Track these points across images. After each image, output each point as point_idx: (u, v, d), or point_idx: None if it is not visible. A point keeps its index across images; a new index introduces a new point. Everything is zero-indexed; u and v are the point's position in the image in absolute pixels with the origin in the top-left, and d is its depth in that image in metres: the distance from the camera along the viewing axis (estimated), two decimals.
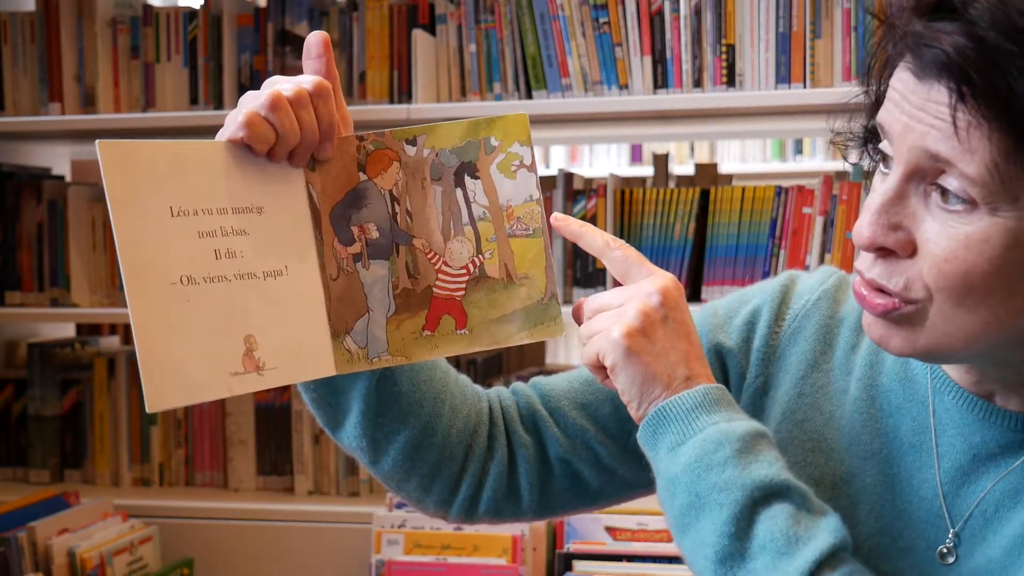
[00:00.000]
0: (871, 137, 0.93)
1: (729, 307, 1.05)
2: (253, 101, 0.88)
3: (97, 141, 0.81)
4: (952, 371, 0.93)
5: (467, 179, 0.94)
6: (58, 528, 2.25)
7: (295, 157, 0.91)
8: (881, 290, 0.84)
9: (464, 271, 0.94)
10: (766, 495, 0.84)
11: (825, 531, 0.83)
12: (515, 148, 0.94)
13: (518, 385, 1.08)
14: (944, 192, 0.79)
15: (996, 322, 0.81)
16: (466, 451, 1.03)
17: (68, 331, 2.94)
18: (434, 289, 0.94)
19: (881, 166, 0.86)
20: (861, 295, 0.85)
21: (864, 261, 0.85)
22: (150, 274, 0.82)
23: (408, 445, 0.99)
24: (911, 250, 0.82)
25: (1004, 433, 0.90)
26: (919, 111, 0.79)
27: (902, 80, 0.82)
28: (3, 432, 2.68)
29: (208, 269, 0.85)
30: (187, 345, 0.83)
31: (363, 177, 0.94)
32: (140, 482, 2.61)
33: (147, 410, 0.80)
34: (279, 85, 0.89)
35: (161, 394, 0.81)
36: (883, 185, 0.83)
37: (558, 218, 0.95)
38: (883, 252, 0.83)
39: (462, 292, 0.94)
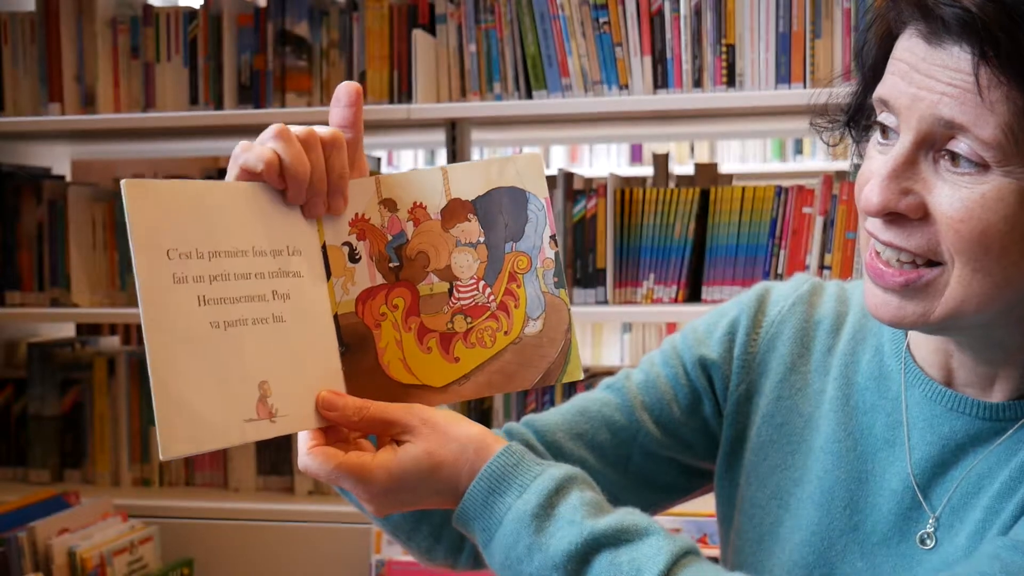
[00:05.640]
0: (857, 115, 0.94)
1: (708, 322, 1.07)
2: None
3: (123, 181, 0.80)
4: (926, 363, 0.95)
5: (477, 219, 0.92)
6: (58, 528, 2.25)
7: (309, 207, 0.89)
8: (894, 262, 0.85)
9: (473, 281, 0.91)
10: (578, 562, 0.82)
11: (651, 557, 0.82)
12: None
13: (512, 425, 1.06)
14: (955, 157, 0.81)
15: (1007, 285, 0.83)
16: None
17: (68, 331, 2.93)
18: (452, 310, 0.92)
19: (878, 136, 0.87)
20: (880, 271, 0.86)
21: (875, 224, 0.86)
22: (169, 317, 0.80)
23: None
24: (922, 213, 0.83)
25: (972, 422, 0.91)
26: (928, 79, 0.81)
27: (909, 49, 0.83)
28: (3, 432, 2.68)
29: (227, 313, 0.83)
30: (203, 390, 0.81)
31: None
32: (140, 482, 2.61)
33: (161, 458, 0.78)
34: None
35: (177, 441, 0.79)
36: (892, 152, 0.84)
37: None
38: (892, 217, 0.84)
39: (472, 304, 0.91)
